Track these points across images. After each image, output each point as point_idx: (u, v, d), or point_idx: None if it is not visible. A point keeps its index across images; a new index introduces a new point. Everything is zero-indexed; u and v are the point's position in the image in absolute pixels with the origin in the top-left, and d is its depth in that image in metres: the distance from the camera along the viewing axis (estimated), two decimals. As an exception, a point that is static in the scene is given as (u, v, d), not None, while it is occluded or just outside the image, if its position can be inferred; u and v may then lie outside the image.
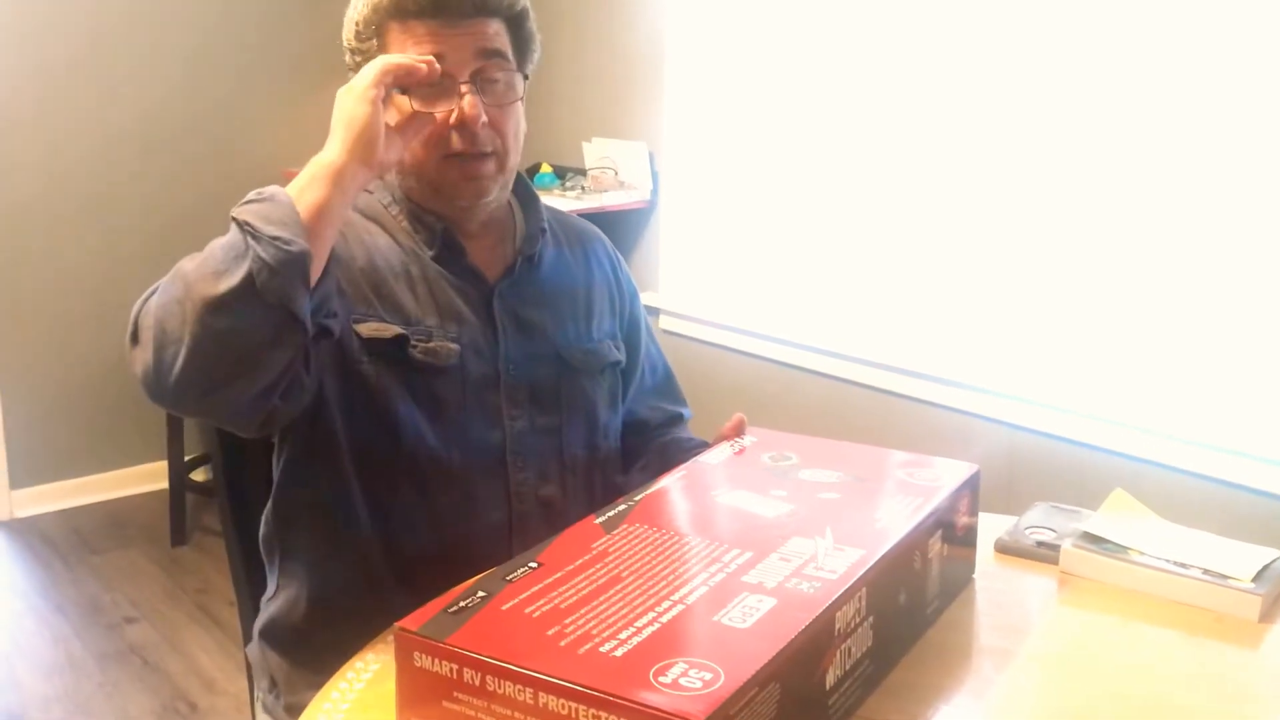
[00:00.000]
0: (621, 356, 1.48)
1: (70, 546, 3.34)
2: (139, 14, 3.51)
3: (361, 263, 1.28)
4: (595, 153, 3.31)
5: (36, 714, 2.51)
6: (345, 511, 1.28)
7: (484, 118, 1.26)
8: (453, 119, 1.25)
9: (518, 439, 1.34)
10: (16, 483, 3.53)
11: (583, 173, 3.33)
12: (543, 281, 1.40)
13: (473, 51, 1.27)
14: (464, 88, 1.25)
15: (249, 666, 1.44)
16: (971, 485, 1.18)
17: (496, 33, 1.29)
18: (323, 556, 1.31)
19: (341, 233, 1.26)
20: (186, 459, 3.38)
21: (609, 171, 3.26)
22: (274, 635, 1.35)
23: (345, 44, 1.32)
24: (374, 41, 1.29)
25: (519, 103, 1.33)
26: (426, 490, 1.29)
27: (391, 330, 1.26)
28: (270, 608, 1.35)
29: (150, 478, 3.66)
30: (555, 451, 1.38)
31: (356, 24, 1.30)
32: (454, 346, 1.29)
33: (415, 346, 1.27)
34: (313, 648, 1.28)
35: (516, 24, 1.32)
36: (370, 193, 1.36)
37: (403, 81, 1.17)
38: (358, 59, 1.30)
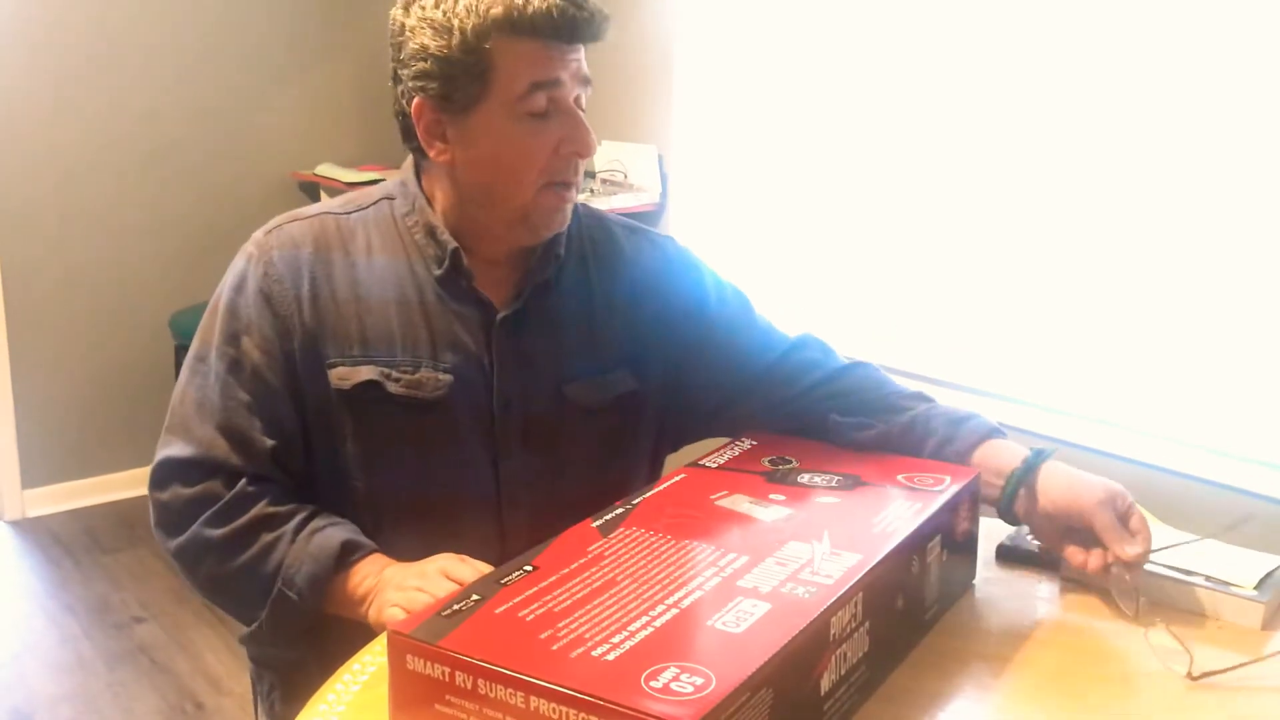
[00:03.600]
0: (636, 385, 1.35)
1: (81, 546, 3.36)
2: (147, 16, 3.53)
3: (348, 295, 1.24)
4: (605, 156, 3.31)
5: (45, 713, 2.53)
6: None
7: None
8: (571, 148, 1.21)
9: (511, 478, 1.28)
10: (28, 482, 3.54)
11: (592, 175, 3.33)
12: (555, 307, 1.31)
13: (580, 78, 1.23)
14: (579, 116, 1.22)
15: (252, 667, 1.44)
16: (972, 490, 1.17)
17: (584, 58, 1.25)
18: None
19: (334, 261, 1.26)
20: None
21: (618, 174, 3.26)
22: None
23: (430, 50, 1.18)
24: (481, 54, 1.17)
25: None
26: (415, 533, 1.24)
27: (358, 376, 1.23)
28: None
29: (161, 478, 3.66)
30: (551, 495, 1.29)
31: (460, 31, 1.17)
32: (445, 377, 1.24)
33: (396, 381, 1.23)
34: (313, 648, 1.28)
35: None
36: (392, 198, 1.30)
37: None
38: (452, 70, 1.18)
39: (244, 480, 1.22)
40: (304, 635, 1.22)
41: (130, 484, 3.66)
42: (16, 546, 3.37)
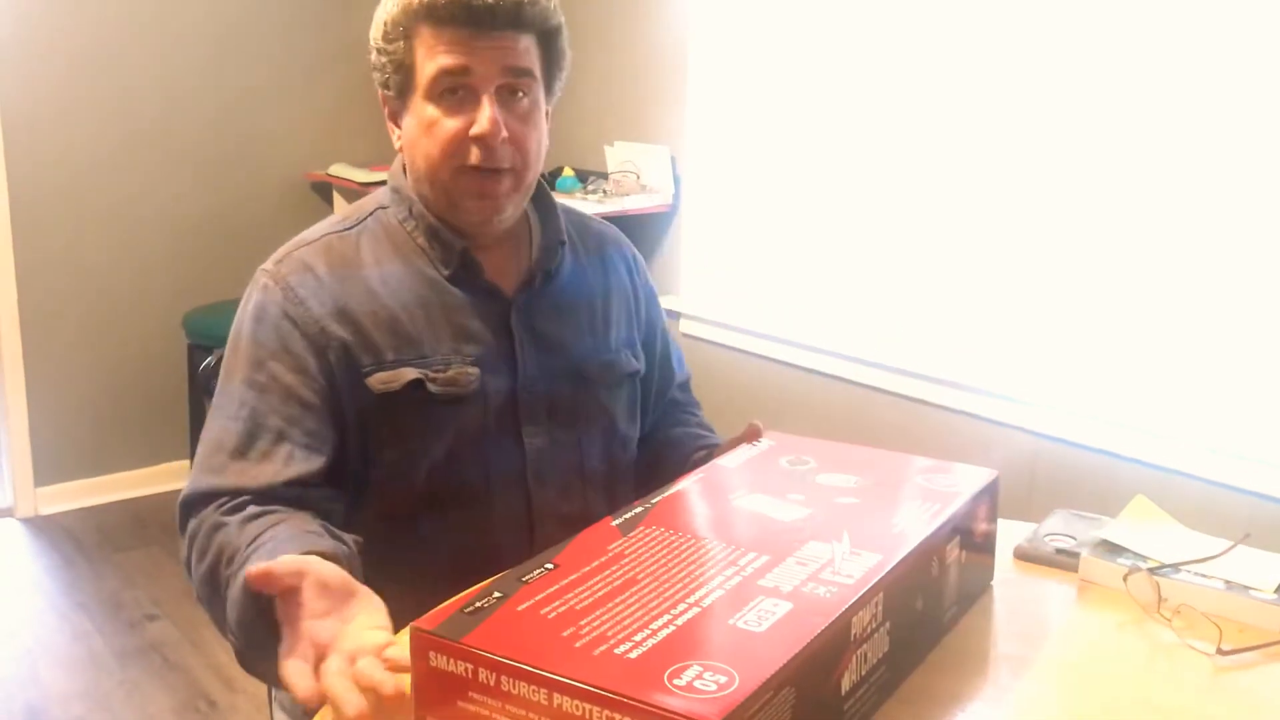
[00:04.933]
0: (640, 366, 1.46)
1: (93, 544, 3.37)
2: (161, 18, 3.54)
3: (370, 306, 1.27)
4: (617, 156, 3.32)
5: (57, 710, 2.53)
6: (361, 535, 1.24)
7: (504, 134, 1.24)
8: (472, 131, 1.24)
9: (538, 457, 1.33)
10: (41, 480, 3.56)
11: (605, 176, 3.34)
12: (560, 294, 1.38)
13: (501, 66, 1.25)
14: (486, 101, 1.24)
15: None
16: (990, 492, 1.17)
17: (527, 49, 1.27)
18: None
19: (348, 276, 1.28)
20: (208, 458, 3.40)
21: (631, 175, 3.26)
22: None
23: (371, 42, 1.30)
24: (401, 43, 1.26)
25: (543, 120, 1.32)
26: (446, 516, 1.29)
27: (403, 378, 1.26)
28: None
29: (173, 476, 3.68)
30: (575, 467, 1.36)
31: (385, 23, 1.28)
32: (473, 370, 1.28)
33: (434, 381, 1.27)
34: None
35: (549, 41, 1.30)
36: (385, 207, 1.35)
37: None
38: (383, 59, 1.28)
39: (229, 504, 1.17)
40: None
41: (143, 482, 3.68)
42: (29, 544, 3.38)
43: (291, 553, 1.01)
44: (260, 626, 1.02)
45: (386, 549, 1.28)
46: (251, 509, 1.16)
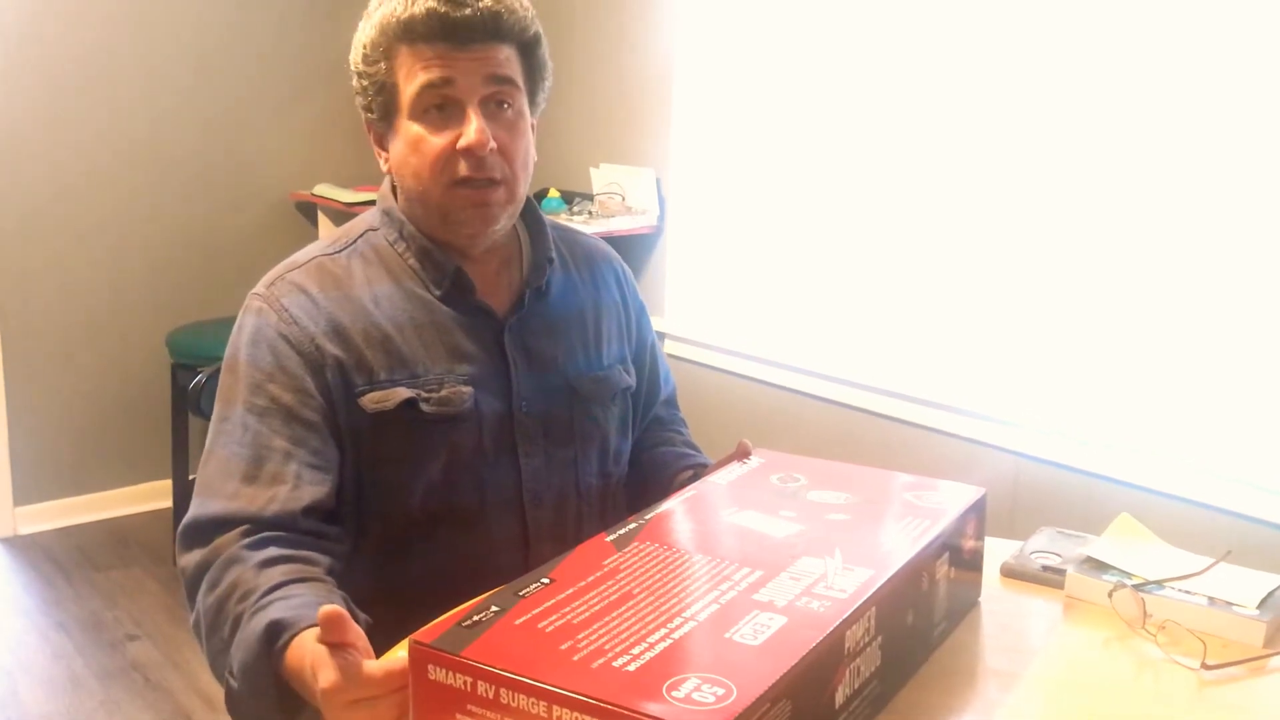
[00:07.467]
0: (632, 381, 1.47)
1: (73, 563, 3.34)
2: (148, 30, 3.55)
3: (363, 325, 1.27)
4: (603, 178, 3.34)
5: (38, 730, 2.52)
6: (352, 560, 1.26)
7: (492, 144, 1.24)
8: (460, 144, 1.24)
9: (534, 476, 1.33)
10: (20, 499, 3.53)
11: (590, 198, 3.36)
12: (551, 310, 1.38)
13: (482, 77, 1.25)
14: (471, 113, 1.24)
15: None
16: (978, 509, 1.19)
17: (508, 59, 1.27)
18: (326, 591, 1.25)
19: (341, 297, 1.28)
20: (190, 477, 3.39)
21: (616, 197, 3.28)
22: None
23: (352, 67, 1.31)
24: (381, 65, 1.27)
25: (529, 131, 1.32)
26: (441, 538, 1.28)
27: (396, 397, 1.26)
28: None
29: (154, 496, 3.67)
30: (571, 485, 1.37)
31: (364, 46, 1.28)
32: (466, 390, 1.28)
33: (427, 400, 1.26)
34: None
35: (528, 51, 1.31)
36: (375, 229, 1.35)
37: None
38: (364, 82, 1.29)
39: (248, 535, 1.15)
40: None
41: (123, 502, 3.66)
42: (9, 564, 3.35)
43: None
44: (263, 674, 1.04)
45: (383, 573, 1.29)
46: (273, 550, 1.13)
